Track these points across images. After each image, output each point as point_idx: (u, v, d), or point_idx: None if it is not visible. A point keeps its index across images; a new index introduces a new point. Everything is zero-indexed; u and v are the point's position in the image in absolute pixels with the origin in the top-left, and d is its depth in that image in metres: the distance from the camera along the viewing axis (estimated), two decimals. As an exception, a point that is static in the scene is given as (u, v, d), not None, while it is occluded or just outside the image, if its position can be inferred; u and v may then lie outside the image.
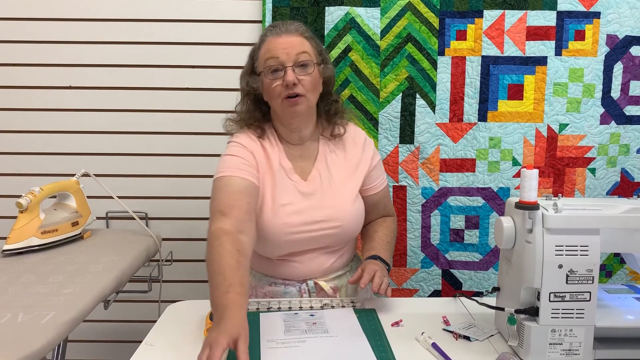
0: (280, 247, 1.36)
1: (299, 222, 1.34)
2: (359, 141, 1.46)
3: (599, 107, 1.76)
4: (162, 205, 1.95)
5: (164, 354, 1.08)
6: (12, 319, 1.06)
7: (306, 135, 1.41)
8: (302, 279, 1.40)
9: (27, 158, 1.92)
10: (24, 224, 1.46)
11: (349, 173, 1.42)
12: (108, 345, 2.03)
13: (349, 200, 1.39)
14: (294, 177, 1.38)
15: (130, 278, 1.47)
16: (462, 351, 1.08)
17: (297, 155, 1.41)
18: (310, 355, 1.04)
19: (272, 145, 1.40)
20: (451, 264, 1.87)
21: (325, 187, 1.38)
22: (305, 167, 1.40)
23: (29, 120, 1.90)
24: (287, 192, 1.36)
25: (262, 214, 1.34)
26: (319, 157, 1.42)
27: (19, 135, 1.91)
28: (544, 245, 1.01)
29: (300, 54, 1.30)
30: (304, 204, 1.36)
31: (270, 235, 1.33)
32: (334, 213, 1.36)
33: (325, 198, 1.37)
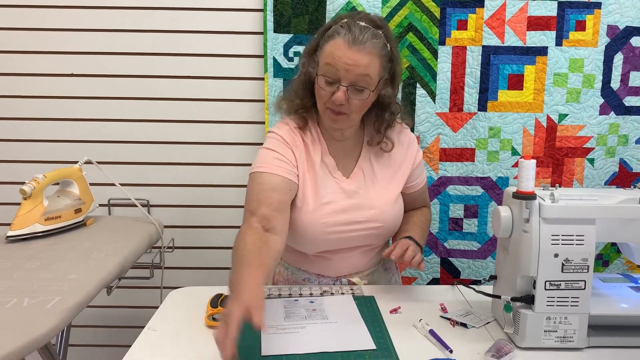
0: (318, 245, 1.34)
1: (339, 222, 1.31)
2: (404, 140, 1.40)
3: (599, 98, 1.77)
4: (164, 192, 1.97)
5: (166, 339, 1.10)
6: (18, 304, 1.08)
7: (349, 135, 1.36)
8: (336, 275, 1.39)
9: (30, 145, 1.94)
10: (27, 211, 1.47)
11: (392, 173, 1.38)
12: (110, 330, 2.06)
13: (392, 201, 1.35)
14: (337, 174, 1.34)
15: (133, 264, 1.49)
16: (459, 338, 1.10)
17: (340, 150, 1.36)
18: (309, 341, 1.07)
19: (314, 140, 1.35)
20: (450, 252, 1.89)
21: (369, 186, 1.35)
22: (347, 164, 1.37)
23: (32, 107, 1.91)
24: (329, 189, 1.32)
25: (302, 210, 1.30)
26: (363, 155, 1.37)
27: (22, 123, 1.92)
28: (541, 234, 1.02)
29: (360, 77, 1.20)
30: (346, 203, 1.32)
31: (308, 232, 1.31)
32: (376, 214, 1.33)
33: (368, 198, 1.34)
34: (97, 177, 1.73)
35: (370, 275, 1.43)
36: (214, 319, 1.15)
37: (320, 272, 1.39)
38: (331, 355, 1.02)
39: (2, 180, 1.95)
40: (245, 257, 1.07)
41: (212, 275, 2.00)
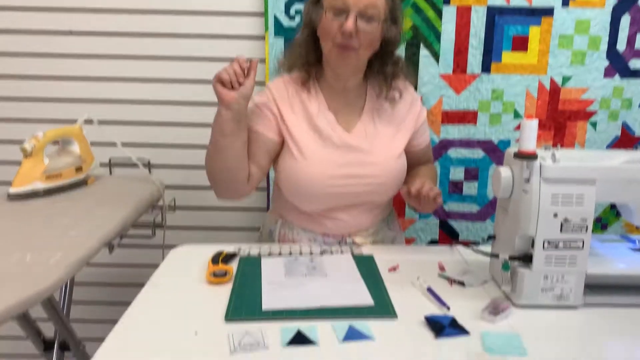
0: (320, 200, 1.35)
1: (340, 175, 1.32)
2: (407, 96, 1.42)
3: (604, 60, 1.75)
4: (165, 153, 1.96)
5: (168, 294, 1.12)
6: (21, 259, 1.10)
7: (351, 86, 1.37)
8: (341, 234, 1.40)
9: (29, 104, 1.92)
10: (28, 169, 1.48)
11: (395, 128, 1.39)
12: (113, 288, 2.09)
13: (394, 157, 1.36)
14: (337, 128, 1.35)
15: (134, 224, 1.50)
16: (456, 296, 1.11)
17: (341, 105, 1.37)
18: (309, 296, 1.08)
19: (312, 95, 1.37)
20: (449, 214, 1.90)
21: (370, 141, 1.36)
22: (349, 118, 1.38)
23: (31, 65, 1.89)
24: (329, 143, 1.34)
25: (302, 164, 1.32)
26: (366, 110, 1.38)
27: (21, 81, 1.91)
28: (541, 194, 1.02)
29: (369, 5, 1.23)
30: (347, 157, 1.33)
31: (309, 186, 1.32)
32: (378, 169, 1.34)
33: (369, 153, 1.35)
34: (98, 137, 1.73)
35: (374, 234, 1.43)
36: (215, 276, 1.16)
37: (325, 231, 1.40)
38: (330, 310, 1.03)
39: (2, 139, 1.95)
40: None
41: (213, 235, 2.01)
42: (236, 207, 2.00)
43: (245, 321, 1.00)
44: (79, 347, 1.54)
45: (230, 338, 0.94)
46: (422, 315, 1.01)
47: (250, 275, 1.19)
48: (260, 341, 0.93)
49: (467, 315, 1.03)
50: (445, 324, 0.97)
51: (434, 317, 1.00)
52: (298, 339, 0.94)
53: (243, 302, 1.07)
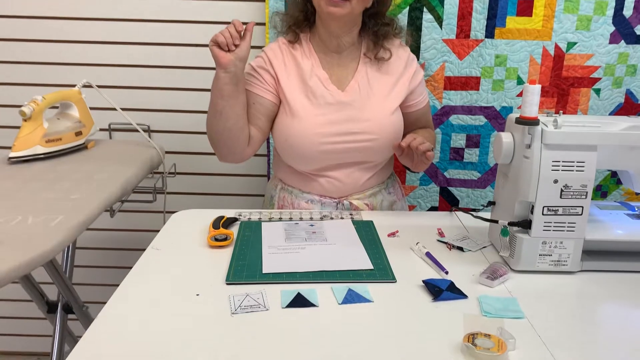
0: (314, 159, 1.36)
1: (332, 133, 1.33)
2: (403, 56, 1.42)
3: (610, 26, 1.72)
4: (165, 118, 1.95)
5: (170, 258, 1.13)
6: (23, 222, 1.10)
7: (345, 44, 1.38)
8: (339, 195, 1.41)
9: (28, 67, 1.90)
10: (28, 132, 1.47)
11: (390, 87, 1.39)
12: (114, 252, 2.11)
13: (387, 113, 1.37)
14: (330, 87, 1.36)
15: (135, 189, 1.50)
16: (455, 260, 1.12)
17: (335, 63, 1.39)
18: (309, 260, 1.09)
19: (305, 55, 1.39)
20: (449, 181, 1.90)
21: (364, 99, 1.36)
22: (343, 77, 1.39)
23: (29, 29, 1.86)
24: (322, 101, 1.35)
25: (295, 122, 1.34)
26: (359, 69, 1.39)
27: (19, 44, 1.88)
28: (541, 160, 1.02)
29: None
30: (340, 115, 1.34)
31: (303, 144, 1.34)
32: (370, 126, 1.35)
33: (362, 110, 1.35)
34: (97, 102, 1.72)
35: (372, 196, 1.44)
36: (216, 240, 1.17)
37: (322, 192, 1.41)
38: (330, 273, 1.04)
39: (1, 102, 1.93)
40: None
41: (213, 201, 2.02)
42: (236, 173, 2.00)
43: (246, 284, 1.01)
44: (82, 309, 1.56)
45: (231, 300, 0.95)
46: (421, 280, 1.02)
47: (250, 239, 1.20)
48: (260, 303, 0.94)
49: (465, 280, 1.04)
50: (444, 288, 0.98)
51: (433, 280, 1.01)
52: (298, 301, 0.95)
53: (244, 265, 1.08)
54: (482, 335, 0.82)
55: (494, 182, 1.87)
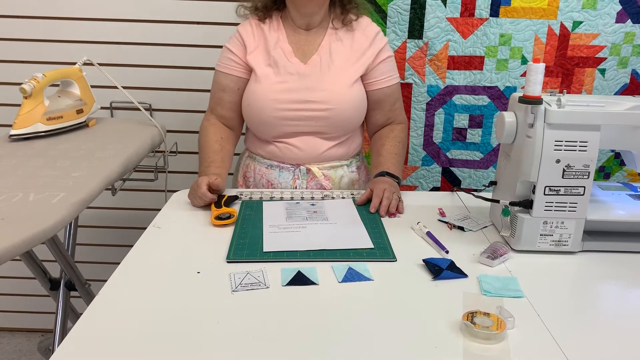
0: (272, 125, 1.40)
1: (289, 100, 1.37)
2: (370, 33, 1.44)
3: (617, 5, 1.69)
4: (166, 96, 1.94)
5: (171, 236, 1.13)
6: (24, 198, 1.10)
7: (316, 22, 1.41)
8: (296, 162, 1.44)
9: (29, 45, 1.89)
10: (29, 110, 1.47)
11: (352, 61, 1.41)
12: (116, 230, 2.11)
13: (345, 85, 1.39)
14: (294, 59, 1.40)
15: (136, 167, 1.50)
16: (456, 240, 1.12)
17: (302, 39, 1.42)
18: (310, 239, 1.09)
19: (274, 30, 1.43)
20: (452, 162, 1.89)
21: (324, 71, 1.40)
22: (307, 51, 1.42)
23: (29, 5, 1.85)
24: (282, 71, 1.39)
25: (255, 88, 1.39)
26: (323, 44, 1.42)
27: (20, 21, 1.86)
28: (544, 140, 1.01)
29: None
30: (298, 84, 1.38)
31: (261, 110, 1.38)
32: (326, 95, 1.38)
33: (321, 81, 1.39)
34: (98, 80, 1.70)
35: (332, 169, 1.46)
36: (219, 219, 1.17)
37: (282, 159, 1.45)
38: (330, 252, 1.05)
39: (2, 80, 1.93)
40: (211, 156, 1.39)
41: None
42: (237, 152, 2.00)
43: (247, 262, 1.01)
44: (84, 286, 1.57)
45: (232, 277, 0.96)
46: (421, 259, 1.02)
47: (251, 218, 1.20)
48: (261, 281, 0.95)
49: (466, 259, 1.04)
50: (444, 267, 0.98)
51: (433, 259, 1.01)
52: (298, 279, 0.95)
53: (244, 244, 1.08)
54: (481, 314, 0.83)
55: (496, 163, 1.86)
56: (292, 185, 1.44)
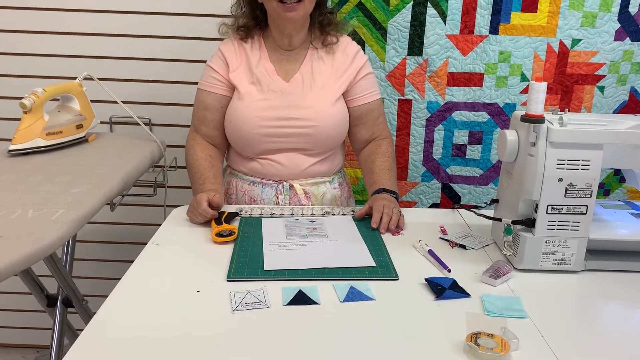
0: (255, 142, 1.40)
1: (272, 117, 1.38)
2: (350, 52, 1.47)
3: (615, 23, 1.71)
4: (165, 111, 1.94)
5: (171, 253, 1.12)
6: (23, 215, 1.09)
7: (297, 42, 1.43)
8: (279, 179, 1.44)
9: (29, 59, 1.89)
10: (28, 125, 1.46)
11: (333, 79, 1.43)
12: (115, 246, 2.10)
13: (328, 102, 1.41)
14: (276, 78, 1.42)
15: (136, 182, 1.49)
16: (458, 258, 1.11)
17: (284, 59, 1.44)
18: (310, 257, 1.08)
19: (255, 49, 1.45)
20: (451, 178, 1.89)
21: (306, 89, 1.41)
22: (289, 70, 1.44)
23: (30, 20, 1.85)
24: (265, 88, 1.40)
25: (238, 106, 1.40)
26: (305, 63, 1.44)
27: (20, 36, 1.87)
28: (546, 158, 1.01)
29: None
30: (281, 101, 1.40)
31: (244, 127, 1.39)
32: (309, 113, 1.39)
33: (304, 99, 1.40)
34: (98, 94, 1.70)
35: (314, 185, 1.47)
36: (220, 235, 1.16)
37: (265, 176, 1.45)
38: (331, 270, 1.04)
39: (1, 94, 1.92)
40: (203, 173, 1.38)
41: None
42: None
43: (247, 280, 1.01)
44: (81, 303, 1.56)
45: (232, 296, 0.95)
46: (423, 277, 1.01)
47: (251, 235, 1.20)
48: (261, 300, 0.94)
49: (468, 278, 1.03)
50: (446, 286, 0.97)
51: (435, 279, 1.00)
52: (299, 298, 0.94)
53: (245, 262, 1.07)
54: (485, 335, 0.82)
55: (497, 179, 1.86)
56: (275, 201, 1.44)
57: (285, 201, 1.43)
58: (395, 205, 1.30)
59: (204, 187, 1.34)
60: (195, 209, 1.25)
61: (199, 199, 1.25)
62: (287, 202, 1.43)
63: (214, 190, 1.32)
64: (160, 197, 1.86)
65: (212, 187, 1.34)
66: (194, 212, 1.25)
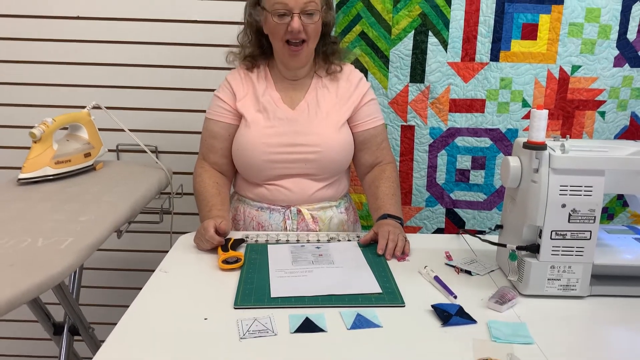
0: (263, 168, 1.42)
1: (279, 143, 1.41)
2: (353, 80, 1.50)
3: (614, 49, 1.74)
4: (172, 139, 1.97)
5: (178, 280, 1.13)
6: (33, 244, 1.11)
7: (302, 73, 1.47)
8: (287, 204, 1.46)
9: (39, 89, 1.93)
10: (38, 154, 1.48)
11: (338, 106, 1.46)
12: (121, 273, 2.10)
13: (333, 128, 1.44)
14: (282, 105, 1.45)
15: (142, 209, 1.51)
16: (463, 284, 1.12)
17: (290, 87, 1.47)
18: (316, 284, 1.09)
19: (262, 78, 1.48)
20: (455, 203, 1.90)
21: (312, 116, 1.44)
22: (295, 98, 1.47)
23: (40, 51, 1.89)
24: (273, 116, 1.43)
25: (246, 133, 1.42)
26: (310, 90, 1.47)
27: (31, 66, 1.91)
28: (549, 184, 1.03)
29: (308, 2, 1.33)
30: (288, 128, 1.43)
31: (252, 154, 1.41)
32: (315, 139, 1.42)
33: (309, 125, 1.43)
34: (106, 123, 1.73)
35: (321, 210, 1.48)
36: (227, 262, 1.17)
37: (272, 202, 1.47)
38: (338, 297, 1.04)
39: (12, 124, 1.96)
40: (210, 200, 1.40)
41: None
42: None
43: (254, 308, 1.01)
44: (87, 331, 1.56)
45: (239, 324, 0.95)
46: (430, 304, 1.02)
47: (257, 262, 1.21)
48: (269, 328, 0.94)
49: (474, 304, 1.04)
50: (453, 313, 0.98)
51: (441, 305, 1.01)
52: (306, 326, 0.95)
53: (251, 289, 1.08)
54: (492, 362, 0.82)
55: (500, 204, 1.87)
56: (283, 226, 1.45)
57: (293, 226, 1.44)
58: (401, 231, 1.31)
59: (211, 214, 1.36)
60: (202, 236, 1.26)
61: (206, 225, 1.26)
62: (294, 227, 1.45)
63: (221, 217, 1.33)
64: (166, 224, 1.87)
65: (219, 214, 1.35)
66: (201, 238, 1.27)
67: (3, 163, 1.98)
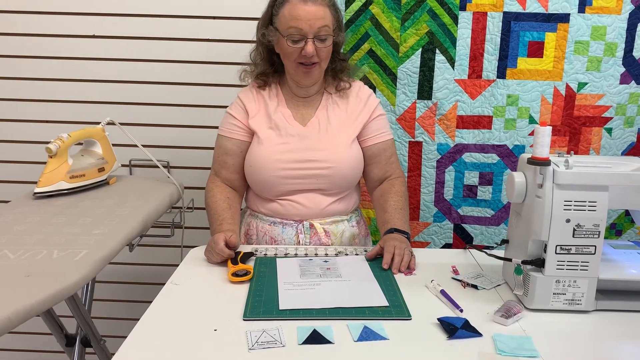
0: (275, 184, 1.45)
1: (291, 159, 1.44)
2: (363, 96, 1.53)
3: (620, 67, 1.75)
4: (183, 154, 2.00)
5: (188, 293, 1.15)
6: (48, 256, 1.14)
7: (312, 91, 1.51)
8: (299, 218, 1.48)
9: (55, 106, 1.98)
10: (53, 169, 1.52)
11: (348, 122, 1.50)
12: (132, 286, 2.13)
13: (344, 144, 1.47)
14: (293, 122, 1.49)
15: (154, 223, 1.54)
16: (470, 298, 1.13)
17: (301, 104, 1.51)
18: (324, 297, 1.11)
19: (273, 96, 1.52)
20: (463, 218, 1.91)
21: (323, 132, 1.47)
22: (306, 115, 1.51)
23: (56, 68, 1.95)
24: (284, 133, 1.46)
25: (258, 150, 1.45)
26: (320, 107, 1.51)
27: (47, 83, 1.96)
28: (554, 200, 1.04)
29: (321, 27, 1.36)
30: (299, 144, 1.46)
31: (264, 170, 1.44)
32: (327, 155, 1.44)
33: (321, 141, 1.46)
34: (119, 138, 1.77)
35: (334, 224, 1.50)
36: (237, 275, 1.19)
37: (285, 216, 1.49)
38: (345, 310, 1.06)
39: (28, 139, 2.01)
40: (221, 214, 1.43)
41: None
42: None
43: (263, 320, 1.03)
44: (99, 343, 1.58)
45: (248, 336, 0.97)
46: (436, 317, 1.03)
47: (266, 275, 1.23)
48: (277, 339, 0.96)
49: (480, 318, 1.05)
50: (459, 326, 0.99)
51: (448, 318, 1.02)
52: (314, 337, 0.96)
53: (260, 301, 1.10)
54: (496, 374, 0.83)
55: (508, 220, 1.88)
56: (295, 241, 1.47)
57: (306, 240, 1.47)
58: (407, 246, 1.33)
59: (221, 228, 1.38)
60: (213, 249, 1.28)
61: (217, 239, 1.29)
62: (307, 241, 1.47)
63: (231, 230, 1.36)
64: (177, 237, 1.90)
65: (229, 228, 1.38)
66: (211, 251, 1.29)
67: (20, 177, 2.03)
